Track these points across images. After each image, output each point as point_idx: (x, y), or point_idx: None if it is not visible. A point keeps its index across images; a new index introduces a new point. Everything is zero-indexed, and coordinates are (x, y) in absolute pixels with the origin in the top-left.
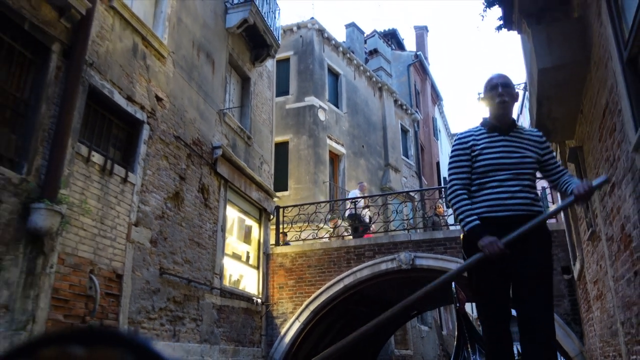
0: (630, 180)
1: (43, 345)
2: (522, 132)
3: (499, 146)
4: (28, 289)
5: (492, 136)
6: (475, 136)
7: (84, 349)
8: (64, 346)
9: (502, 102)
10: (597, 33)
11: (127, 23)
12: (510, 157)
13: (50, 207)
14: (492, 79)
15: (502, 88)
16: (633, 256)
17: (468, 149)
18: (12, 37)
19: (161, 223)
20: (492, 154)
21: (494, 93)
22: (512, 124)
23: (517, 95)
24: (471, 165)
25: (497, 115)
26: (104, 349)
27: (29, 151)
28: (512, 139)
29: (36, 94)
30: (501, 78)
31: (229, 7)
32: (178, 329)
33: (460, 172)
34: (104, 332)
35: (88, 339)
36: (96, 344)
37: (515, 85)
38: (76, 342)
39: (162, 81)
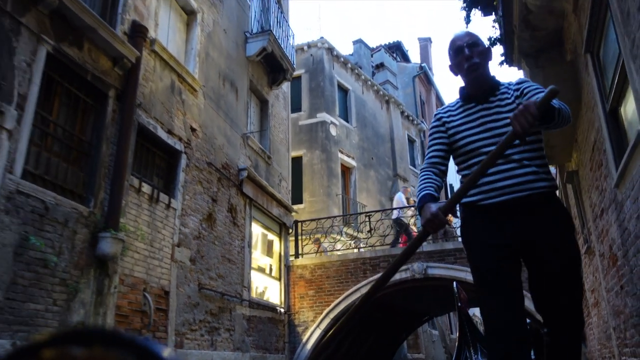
0: (614, 210)
1: (44, 346)
2: (508, 89)
3: (478, 117)
4: (98, 307)
5: (469, 107)
6: (451, 111)
7: (85, 350)
8: (65, 347)
9: (472, 65)
10: (586, 81)
11: (165, 63)
12: (494, 128)
13: (114, 235)
14: (454, 41)
15: (469, 49)
16: (619, 272)
17: (442, 126)
18: (77, 87)
19: (198, 243)
20: (471, 129)
21: (460, 58)
22: (492, 87)
23: (489, 52)
24: (446, 144)
25: (470, 81)
26: (104, 350)
27: (94, 186)
28: (493, 104)
29: (97, 135)
30: (466, 37)
31: (249, 37)
32: (215, 339)
33: (431, 156)
34: (105, 332)
35: (89, 340)
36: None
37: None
38: (77, 343)
39: (195, 113)
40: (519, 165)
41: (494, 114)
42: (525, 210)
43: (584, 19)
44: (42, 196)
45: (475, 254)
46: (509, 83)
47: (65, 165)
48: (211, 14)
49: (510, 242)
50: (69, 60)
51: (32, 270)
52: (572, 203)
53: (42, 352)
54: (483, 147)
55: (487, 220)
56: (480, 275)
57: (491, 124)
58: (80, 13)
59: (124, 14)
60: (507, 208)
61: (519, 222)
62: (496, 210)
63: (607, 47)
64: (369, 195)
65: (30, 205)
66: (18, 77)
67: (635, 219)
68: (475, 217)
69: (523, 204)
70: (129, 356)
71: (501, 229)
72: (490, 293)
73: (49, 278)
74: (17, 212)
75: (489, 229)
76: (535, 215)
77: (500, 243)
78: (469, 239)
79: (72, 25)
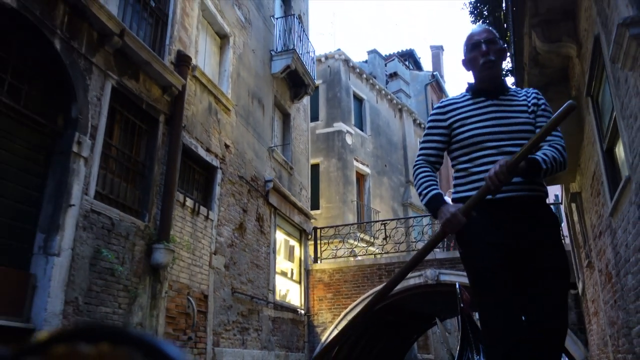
0: (609, 234)
1: (53, 342)
2: (517, 93)
3: (488, 112)
4: (152, 309)
5: (479, 101)
6: (457, 103)
7: (93, 347)
8: (73, 344)
9: (487, 62)
10: (587, 119)
11: (204, 87)
12: (503, 125)
13: (167, 246)
14: (472, 36)
15: (487, 45)
16: (613, 288)
17: (444, 121)
18: (134, 114)
19: (231, 250)
20: (479, 122)
21: (476, 53)
22: (503, 86)
23: (505, 51)
24: (446, 140)
25: (483, 77)
26: (112, 347)
27: (148, 203)
28: (504, 102)
29: (150, 157)
30: (484, 33)
31: (274, 55)
32: (245, 338)
33: (427, 148)
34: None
35: (97, 337)
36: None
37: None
38: (85, 339)
39: (229, 130)
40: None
41: (505, 111)
42: (523, 210)
43: (585, 66)
44: (109, 213)
45: (474, 253)
46: (516, 88)
47: (125, 184)
48: (241, 37)
49: (508, 241)
50: (129, 91)
51: (102, 279)
52: (576, 220)
53: (52, 348)
54: (489, 141)
55: (486, 217)
56: (479, 275)
57: (501, 120)
58: (139, 50)
59: (170, 45)
60: (506, 206)
61: (517, 222)
62: (495, 207)
63: (604, 96)
64: (382, 201)
65: (101, 222)
66: (91, 110)
67: (624, 246)
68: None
69: (522, 204)
70: (137, 353)
71: (500, 227)
72: (489, 293)
73: (115, 285)
74: (91, 228)
75: (488, 226)
76: (532, 217)
77: (498, 241)
78: (466, 237)
79: (131, 61)
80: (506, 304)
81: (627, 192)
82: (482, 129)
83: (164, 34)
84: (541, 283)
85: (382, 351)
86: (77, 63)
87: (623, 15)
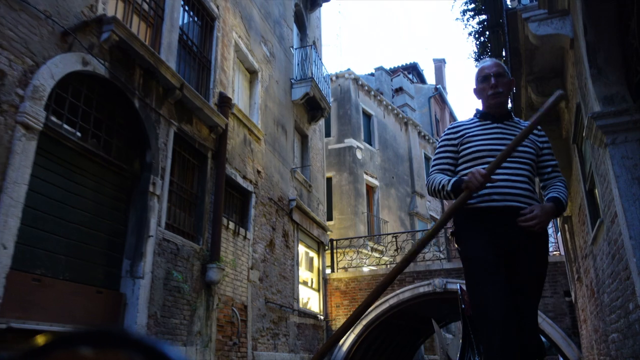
0: (592, 258)
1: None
2: (519, 123)
3: (493, 132)
4: (207, 320)
5: (486, 124)
6: (467, 125)
7: (94, 351)
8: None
9: (496, 94)
10: (574, 160)
11: (240, 121)
12: (506, 145)
13: (218, 265)
14: (483, 69)
15: (496, 78)
16: (596, 302)
17: (455, 139)
18: (189, 153)
19: (264, 265)
20: (484, 139)
21: (485, 85)
22: (508, 114)
23: (512, 83)
24: (456, 157)
25: (490, 105)
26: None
27: (201, 228)
28: (508, 126)
29: (201, 188)
30: (494, 67)
31: (294, 83)
32: (276, 343)
33: (440, 163)
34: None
35: (98, 341)
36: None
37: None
38: (86, 343)
39: (260, 158)
40: (519, 180)
41: (508, 133)
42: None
43: (572, 117)
44: (175, 240)
45: (474, 245)
46: (520, 120)
47: (184, 213)
48: (267, 70)
49: (503, 244)
50: (185, 134)
51: (172, 295)
52: (568, 238)
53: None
54: (491, 156)
55: (485, 221)
56: (479, 265)
57: (504, 139)
58: (193, 99)
59: (214, 89)
60: (505, 214)
61: (512, 229)
62: (495, 214)
63: (586, 147)
64: (390, 211)
65: (170, 248)
66: (160, 154)
67: (601, 271)
68: (470, 218)
69: (517, 214)
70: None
71: (496, 231)
72: (488, 283)
73: (181, 300)
74: (163, 253)
75: (486, 230)
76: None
77: (495, 242)
78: (464, 236)
79: (187, 108)
80: (505, 296)
81: (602, 230)
82: (486, 145)
83: (208, 79)
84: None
85: (393, 353)
86: (149, 116)
87: (593, 109)
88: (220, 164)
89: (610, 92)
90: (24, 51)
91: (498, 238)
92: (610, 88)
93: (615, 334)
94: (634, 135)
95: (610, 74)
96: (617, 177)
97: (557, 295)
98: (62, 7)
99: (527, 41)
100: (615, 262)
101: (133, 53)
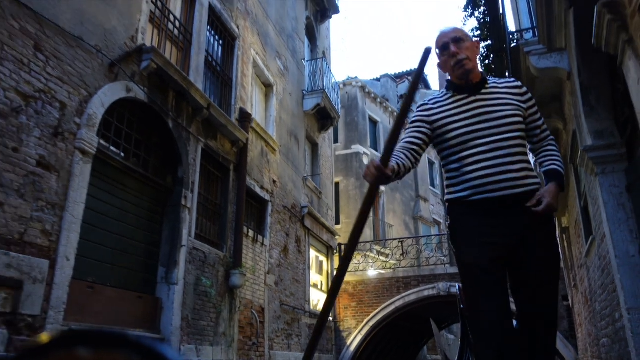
0: (585, 269)
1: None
2: (498, 85)
3: (472, 108)
4: (230, 321)
5: (461, 98)
6: (439, 101)
7: (91, 351)
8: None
9: (458, 62)
10: (571, 179)
11: (258, 135)
12: (490, 120)
13: (240, 271)
14: (439, 38)
15: (455, 45)
16: (589, 308)
17: (428, 117)
18: (213, 166)
19: (279, 269)
20: (464, 120)
21: (446, 55)
22: (482, 80)
23: (476, 45)
24: (428, 134)
25: (459, 76)
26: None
27: (225, 237)
28: (486, 96)
29: (224, 199)
30: (450, 33)
31: (305, 94)
32: (290, 343)
33: (406, 138)
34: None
35: (95, 341)
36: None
37: (469, 34)
38: (84, 344)
39: (275, 168)
40: (511, 161)
41: (490, 105)
42: (518, 208)
43: (569, 139)
44: (203, 248)
45: (469, 252)
46: (495, 80)
47: (209, 223)
48: (281, 83)
49: (504, 241)
50: (211, 150)
51: (201, 299)
52: (566, 247)
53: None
54: (477, 138)
55: (480, 216)
56: (473, 274)
57: (487, 115)
58: (219, 117)
59: (235, 105)
60: (503, 205)
61: (512, 220)
62: (489, 207)
63: (580, 169)
64: (395, 215)
65: (199, 256)
66: (190, 170)
67: (593, 281)
68: (465, 213)
69: (516, 202)
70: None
71: (494, 226)
72: (482, 293)
73: (208, 304)
74: (193, 261)
75: (482, 227)
76: (527, 214)
77: (494, 241)
78: (459, 238)
79: (213, 125)
80: (499, 306)
81: (594, 246)
82: (469, 127)
83: (230, 96)
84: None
85: (397, 353)
86: (181, 135)
87: (586, 141)
88: (242, 176)
89: (600, 127)
90: (80, 84)
91: (496, 234)
92: (601, 123)
93: (605, 339)
94: (620, 167)
95: (601, 111)
96: (606, 204)
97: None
98: (109, 41)
99: (529, 71)
100: (604, 276)
101: (168, 78)
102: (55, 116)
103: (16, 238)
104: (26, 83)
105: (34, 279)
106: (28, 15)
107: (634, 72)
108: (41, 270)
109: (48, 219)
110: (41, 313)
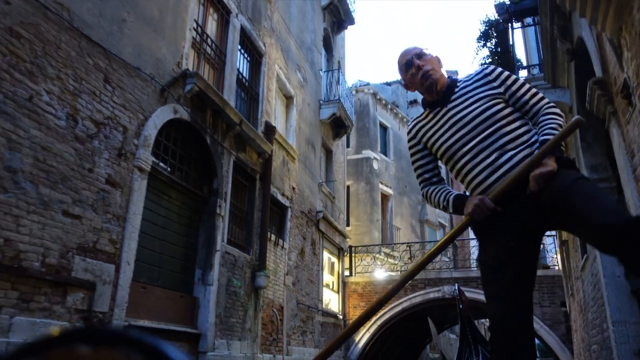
0: (581, 282)
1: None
2: (467, 84)
3: (445, 121)
4: (255, 319)
5: (435, 113)
6: (420, 122)
7: (91, 349)
8: (71, 345)
9: (424, 73)
10: None
11: (280, 145)
12: (464, 125)
13: (265, 273)
14: (402, 57)
15: (417, 59)
16: (584, 317)
17: (418, 142)
18: (242, 176)
19: (296, 271)
20: (443, 134)
21: (412, 71)
22: (449, 86)
23: (436, 58)
24: (428, 154)
25: (427, 89)
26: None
27: (251, 241)
28: (457, 101)
29: (250, 207)
30: (410, 52)
31: (322, 104)
32: (304, 339)
33: (419, 173)
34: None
35: (95, 339)
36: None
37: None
38: (83, 341)
39: (294, 176)
40: (503, 151)
41: (462, 109)
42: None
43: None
44: (233, 252)
45: (481, 250)
46: (464, 79)
47: (238, 229)
48: (301, 94)
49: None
50: (241, 161)
51: (231, 299)
52: (565, 258)
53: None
54: (460, 148)
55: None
56: (482, 270)
57: (460, 122)
58: (248, 131)
59: (261, 118)
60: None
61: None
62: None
63: None
64: (402, 219)
65: (230, 259)
66: (224, 181)
67: (587, 294)
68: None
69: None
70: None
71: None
72: (493, 295)
73: (237, 302)
74: (225, 264)
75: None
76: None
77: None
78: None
79: (243, 139)
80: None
81: (588, 263)
82: (449, 140)
83: (257, 110)
84: (574, 210)
85: (402, 351)
86: (217, 149)
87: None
88: (266, 185)
89: (595, 162)
90: (138, 109)
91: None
92: (595, 158)
93: (595, 346)
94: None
95: (596, 148)
96: None
97: (554, 305)
98: (160, 68)
99: None
100: (595, 290)
101: (206, 98)
102: (119, 139)
103: (90, 246)
104: (98, 112)
105: (104, 281)
106: (99, 52)
107: (617, 138)
108: (109, 274)
109: (114, 229)
110: (109, 310)
